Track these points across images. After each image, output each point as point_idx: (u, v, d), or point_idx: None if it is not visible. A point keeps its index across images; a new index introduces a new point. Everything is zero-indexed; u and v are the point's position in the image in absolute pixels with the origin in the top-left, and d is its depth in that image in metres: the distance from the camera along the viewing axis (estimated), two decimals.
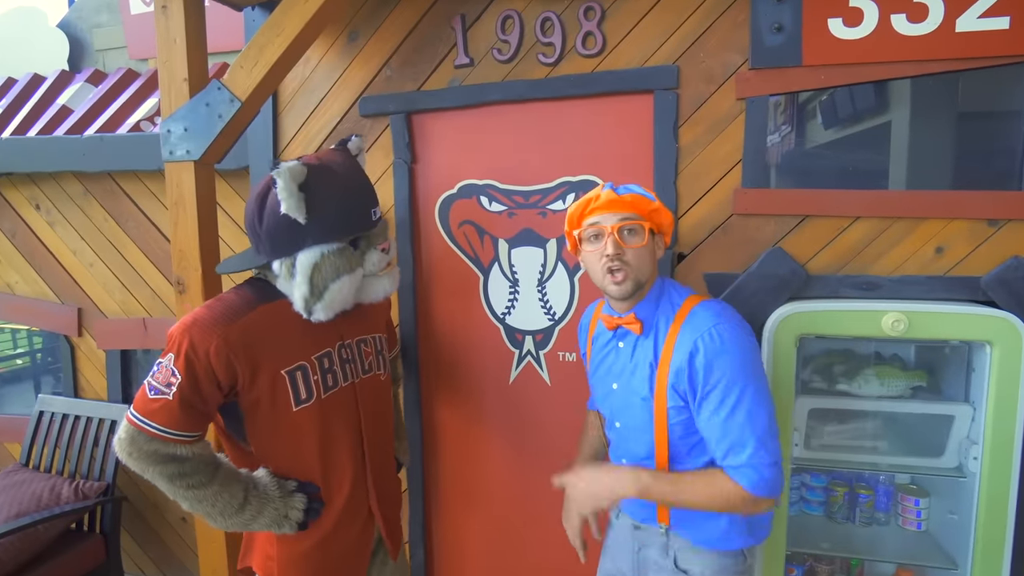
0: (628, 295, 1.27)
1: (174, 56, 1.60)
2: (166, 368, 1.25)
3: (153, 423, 1.23)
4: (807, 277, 1.66)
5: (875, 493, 1.84)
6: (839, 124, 1.73)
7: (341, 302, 1.35)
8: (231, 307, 1.31)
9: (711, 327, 1.19)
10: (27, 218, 2.67)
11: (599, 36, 1.73)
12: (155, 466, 1.24)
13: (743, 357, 1.18)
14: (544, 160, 1.85)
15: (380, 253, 1.41)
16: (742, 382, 1.16)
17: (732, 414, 1.16)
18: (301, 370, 1.37)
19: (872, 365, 1.77)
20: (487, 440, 2.02)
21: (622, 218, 1.25)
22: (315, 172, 1.30)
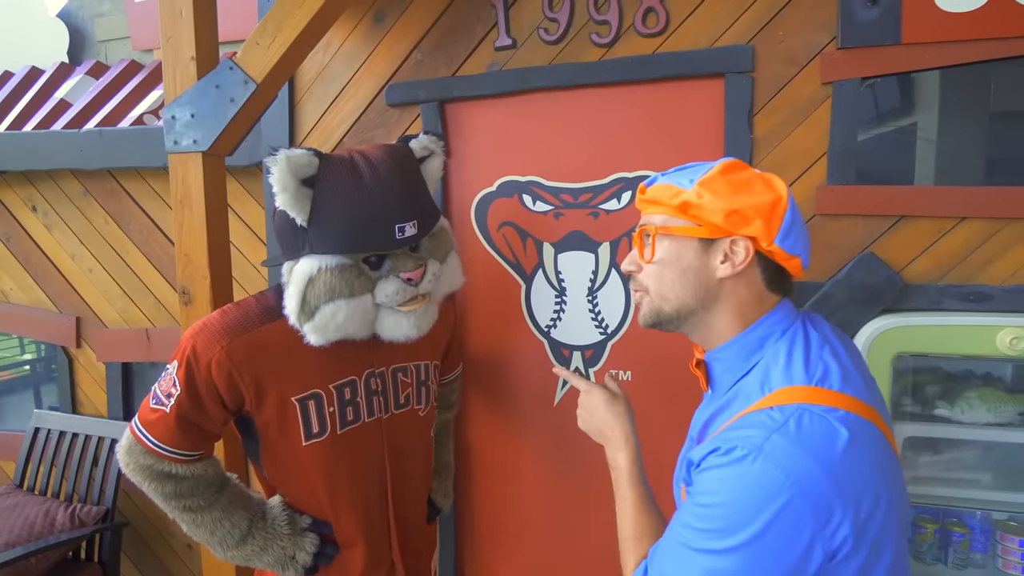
0: (645, 324, 0.91)
1: (180, 31, 1.40)
2: (170, 376, 1.13)
3: (150, 436, 1.12)
4: (903, 286, 1.45)
5: (970, 531, 1.63)
6: (939, 111, 1.52)
7: (337, 329, 1.10)
8: (245, 316, 1.14)
9: (740, 447, 0.72)
10: (23, 220, 2.49)
11: (662, 12, 1.53)
12: (150, 482, 1.13)
13: (731, 507, 0.71)
14: (596, 154, 1.64)
15: (400, 283, 1.13)
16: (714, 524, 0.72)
17: (683, 546, 0.74)
18: (315, 399, 1.17)
19: (972, 387, 1.56)
20: (528, 469, 1.82)
21: (641, 224, 0.89)
22: (330, 168, 1.09)
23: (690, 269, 0.83)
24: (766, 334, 0.83)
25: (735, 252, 0.82)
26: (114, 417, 2.42)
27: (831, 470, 0.69)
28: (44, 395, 2.91)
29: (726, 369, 0.87)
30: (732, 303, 0.84)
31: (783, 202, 0.81)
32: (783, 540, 0.69)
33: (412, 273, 1.14)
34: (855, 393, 0.76)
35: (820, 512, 0.69)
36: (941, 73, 1.47)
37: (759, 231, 0.80)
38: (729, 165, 0.84)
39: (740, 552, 0.69)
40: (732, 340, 0.85)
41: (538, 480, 1.82)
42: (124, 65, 2.57)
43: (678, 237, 0.84)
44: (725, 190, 0.81)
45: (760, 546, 0.69)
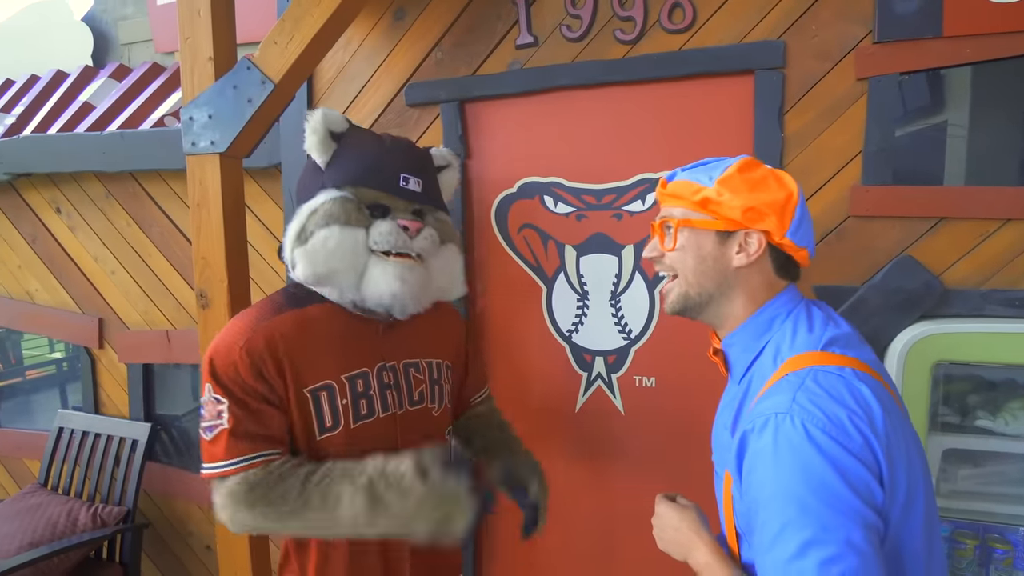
0: (672, 311, 0.97)
1: (198, 31, 1.39)
2: (209, 401, 1.10)
3: (224, 462, 1.07)
4: (943, 291, 1.38)
5: (1014, 548, 1.55)
6: (981, 107, 1.45)
7: (325, 261, 1.12)
8: (254, 315, 1.15)
9: (772, 416, 0.77)
10: (47, 222, 2.52)
11: (688, 8, 1.48)
12: (258, 508, 1.05)
13: (799, 477, 0.74)
14: (620, 154, 1.60)
15: (395, 225, 1.16)
16: (786, 515, 0.74)
17: (769, 551, 0.77)
18: (327, 390, 1.14)
19: (1019, 397, 1.48)
20: (549, 476, 1.76)
21: (661, 216, 0.97)
22: (356, 130, 1.25)
23: (709, 257, 0.91)
24: (774, 315, 0.91)
25: (749, 243, 0.89)
26: (135, 418, 2.43)
27: (859, 415, 0.75)
28: (70, 394, 2.95)
29: (741, 351, 0.93)
30: (746, 289, 0.91)
31: (794, 199, 0.88)
32: (847, 486, 0.72)
33: (409, 222, 1.17)
34: (859, 357, 0.84)
35: (864, 453, 0.74)
36: (985, 67, 1.40)
37: (773, 226, 0.87)
38: (745, 164, 0.90)
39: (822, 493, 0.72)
40: (745, 323, 0.92)
41: (559, 486, 1.77)
42: (146, 68, 2.60)
43: (698, 229, 0.91)
44: (743, 188, 0.87)
45: (830, 503, 0.72)
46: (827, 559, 0.71)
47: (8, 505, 2.32)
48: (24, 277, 2.62)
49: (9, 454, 2.79)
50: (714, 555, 0.91)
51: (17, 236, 2.59)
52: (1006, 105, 1.44)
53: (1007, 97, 1.46)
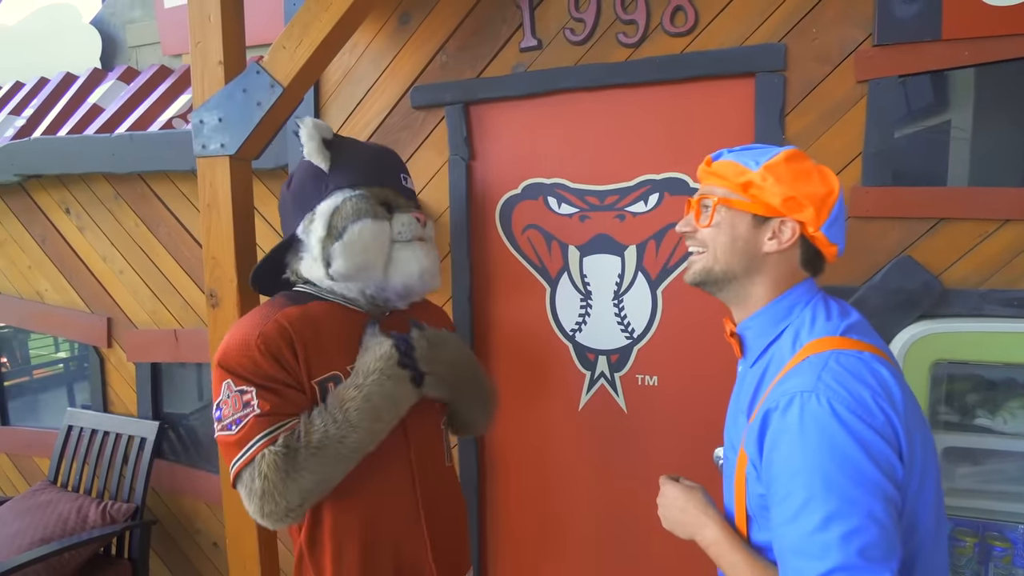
0: (690, 281, 0.99)
1: (208, 35, 1.41)
2: (231, 398, 1.10)
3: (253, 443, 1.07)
4: (943, 291, 1.40)
5: (1013, 546, 1.56)
6: (980, 109, 1.46)
7: (363, 251, 1.19)
8: (259, 315, 1.17)
9: (797, 395, 0.80)
10: (57, 223, 2.55)
11: (691, 11, 1.50)
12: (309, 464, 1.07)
13: (826, 452, 0.77)
14: (623, 155, 1.62)
15: (411, 218, 1.27)
16: (811, 488, 0.77)
17: (790, 524, 0.79)
18: (334, 380, 1.18)
19: (1016, 396, 1.49)
20: (552, 474, 1.80)
21: (702, 192, 0.98)
22: (341, 136, 1.31)
23: (740, 238, 0.93)
24: (794, 302, 0.93)
25: (782, 231, 0.91)
26: (143, 416, 2.45)
27: (880, 395, 0.79)
28: (77, 393, 2.97)
29: (758, 335, 0.96)
30: (771, 274, 0.94)
31: (834, 195, 0.90)
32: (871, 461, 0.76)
33: (419, 214, 1.29)
34: (875, 343, 0.88)
35: (886, 429, 0.78)
36: (983, 69, 1.41)
37: (809, 218, 0.89)
38: (793, 154, 0.92)
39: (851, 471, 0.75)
40: (764, 308, 0.94)
41: (563, 484, 1.79)
42: (154, 70, 2.62)
43: (735, 210, 0.93)
44: (788, 177, 0.89)
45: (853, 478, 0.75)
46: (849, 531, 0.74)
47: (19, 502, 2.34)
48: (34, 277, 2.64)
49: (19, 452, 2.82)
50: (723, 531, 0.93)
51: (27, 237, 2.61)
52: (1006, 107, 1.45)
53: (1006, 99, 1.47)
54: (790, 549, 0.79)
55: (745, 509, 0.93)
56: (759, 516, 0.91)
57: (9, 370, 3.07)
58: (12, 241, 2.66)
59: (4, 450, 2.85)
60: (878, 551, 0.74)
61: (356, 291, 1.24)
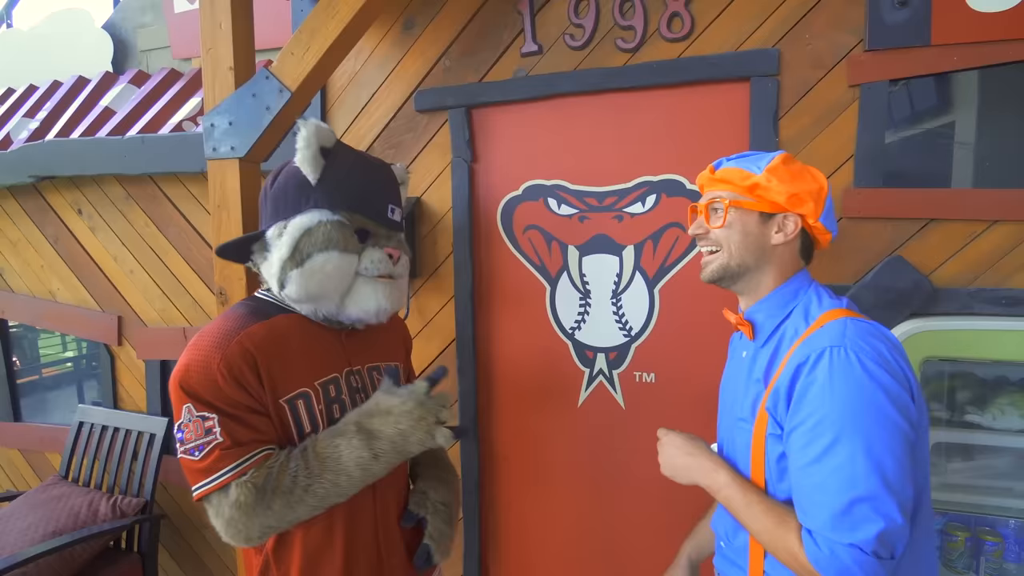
0: (708, 279, 1.08)
1: (219, 42, 1.46)
2: (192, 423, 1.05)
3: (220, 472, 1.04)
4: (933, 290, 1.43)
5: (1004, 540, 1.59)
6: (970, 112, 1.49)
7: (320, 284, 1.13)
8: (220, 333, 1.09)
9: (828, 347, 0.90)
10: (69, 223, 2.59)
11: (687, 17, 1.54)
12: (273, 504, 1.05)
13: (853, 396, 0.87)
14: (621, 158, 1.66)
15: (383, 254, 1.20)
16: (839, 428, 0.86)
17: (819, 459, 0.88)
18: (303, 398, 1.14)
19: (1005, 393, 1.53)
20: (552, 470, 1.83)
21: (710, 196, 1.08)
22: (343, 146, 1.21)
23: (751, 234, 1.04)
24: (798, 287, 1.05)
25: (786, 225, 1.03)
26: (153, 413, 2.50)
27: (896, 350, 0.92)
28: (86, 391, 3.02)
29: (767, 317, 1.06)
30: (778, 264, 1.05)
31: (825, 189, 1.03)
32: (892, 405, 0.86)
33: (393, 250, 1.22)
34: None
35: (901, 377, 0.89)
36: (972, 73, 1.45)
37: (810, 211, 1.01)
38: (786, 158, 1.04)
39: (881, 415, 0.86)
40: (772, 293, 1.06)
41: (562, 479, 1.83)
42: (164, 74, 2.67)
43: (744, 210, 1.04)
44: (788, 177, 1.01)
45: (878, 420, 0.85)
46: (874, 465, 0.84)
47: (31, 496, 2.39)
48: (47, 276, 2.69)
49: (31, 448, 2.87)
50: (735, 475, 1.01)
51: (40, 237, 2.66)
52: (996, 110, 1.48)
53: (997, 102, 1.50)
54: (814, 486, 0.88)
55: (763, 471, 1.00)
56: (776, 477, 0.99)
57: (20, 368, 3.13)
58: (26, 241, 2.71)
59: (17, 446, 2.90)
60: (897, 484, 0.84)
61: (308, 311, 1.19)
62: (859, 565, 0.83)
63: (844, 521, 0.84)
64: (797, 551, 0.89)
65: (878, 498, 0.83)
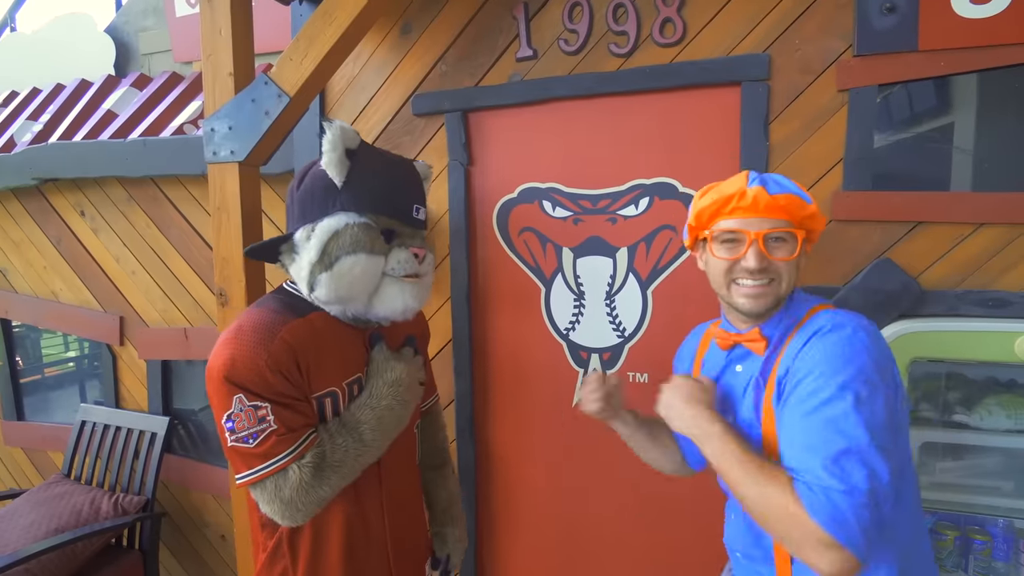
0: (764, 310, 1.06)
1: (219, 48, 1.49)
2: (244, 412, 1.10)
3: (276, 459, 1.09)
4: (920, 292, 1.45)
5: (992, 539, 1.61)
6: (959, 116, 1.51)
7: (349, 286, 1.17)
8: (263, 329, 1.13)
9: (826, 319, 0.99)
10: (72, 224, 2.63)
11: (679, 23, 1.56)
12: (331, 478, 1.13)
13: (850, 356, 0.92)
14: (615, 161, 1.68)
15: (409, 254, 1.23)
16: (835, 383, 0.90)
17: (814, 411, 0.91)
18: (331, 397, 1.19)
19: (993, 394, 1.55)
20: (547, 468, 1.86)
21: (772, 225, 1.02)
22: (367, 148, 1.24)
23: (799, 263, 1.07)
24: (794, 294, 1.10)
25: (805, 249, 1.08)
26: (154, 412, 2.53)
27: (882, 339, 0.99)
28: (88, 391, 3.05)
29: (774, 327, 1.09)
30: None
31: None
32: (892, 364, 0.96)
33: (419, 249, 1.25)
34: None
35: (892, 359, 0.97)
36: (961, 78, 1.47)
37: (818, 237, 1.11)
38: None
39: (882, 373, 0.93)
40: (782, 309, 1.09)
41: (557, 477, 1.85)
42: (166, 77, 2.70)
43: (801, 238, 1.05)
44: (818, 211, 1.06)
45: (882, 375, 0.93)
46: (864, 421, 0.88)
47: (34, 494, 2.42)
48: (50, 277, 2.73)
49: (34, 446, 2.91)
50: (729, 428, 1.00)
51: (43, 238, 2.70)
52: (984, 113, 1.50)
53: (985, 106, 1.52)
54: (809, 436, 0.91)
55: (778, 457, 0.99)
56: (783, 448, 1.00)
57: (23, 368, 3.16)
58: (29, 242, 2.75)
59: (20, 444, 2.94)
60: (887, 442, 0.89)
61: (337, 311, 1.23)
62: (851, 509, 0.85)
63: (835, 468, 0.87)
64: (790, 502, 0.88)
65: (867, 452, 0.87)
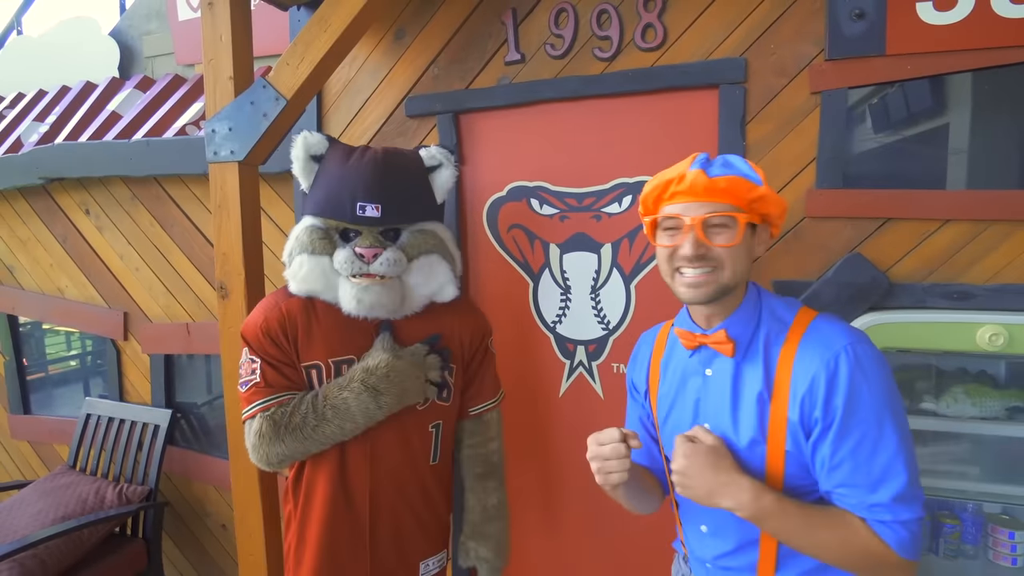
0: (705, 300, 1.00)
1: (220, 54, 1.56)
2: (246, 363, 1.34)
3: (255, 403, 1.29)
4: (889, 286, 1.51)
5: (961, 523, 1.67)
6: (925, 118, 1.58)
7: (304, 280, 1.32)
8: (272, 299, 1.38)
9: (847, 345, 0.93)
10: (77, 223, 2.70)
11: (660, 28, 1.63)
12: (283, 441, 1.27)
13: (887, 386, 0.93)
14: (599, 160, 1.75)
15: (351, 254, 1.28)
16: (887, 416, 0.91)
17: (875, 452, 0.91)
18: (315, 369, 1.35)
19: (960, 383, 1.61)
20: (534, 456, 1.92)
21: (711, 210, 0.96)
22: (333, 150, 1.36)
23: (746, 248, 1.01)
24: (757, 291, 1.07)
25: (763, 235, 1.04)
26: (157, 405, 2.60)
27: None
28: (92, 388, 3.12)
29: (743, 328, 1.03)
30: (748, 275, 1.05)
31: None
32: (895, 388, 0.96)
33: (365, 250, 1.28)
34: None
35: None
36: (925, 81, 1.53)
37: (780, 223, 1.05)
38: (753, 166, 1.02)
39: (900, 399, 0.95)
40: (744, 303, 1.04)
41: (544, 465, 1.92)
42: (169, 79, 2.77)
43: (743, 223, 0.97)
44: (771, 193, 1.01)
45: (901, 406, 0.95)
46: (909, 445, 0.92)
47: (41, 484, 2.50)
48: (55, 274, 2.80)
49: (40, 439, 2.98)
50: (780, 495, 0.95)
51: (49, 236, 2.77)
52: (949, 116, 1.57)
53: (949, 109, 1.58)
54: (875, 476, 0.91)
55: (782, 485, 0.99)
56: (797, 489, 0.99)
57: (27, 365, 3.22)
58: (35, 240, 2.82)
59: (27, 437, 3.01)
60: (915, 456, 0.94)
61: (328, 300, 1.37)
62: (919, 531, 0.92)
63: (908, 501, 0.91)
64: (875, 545, 0.91)
65: (915, 478, 0.92)
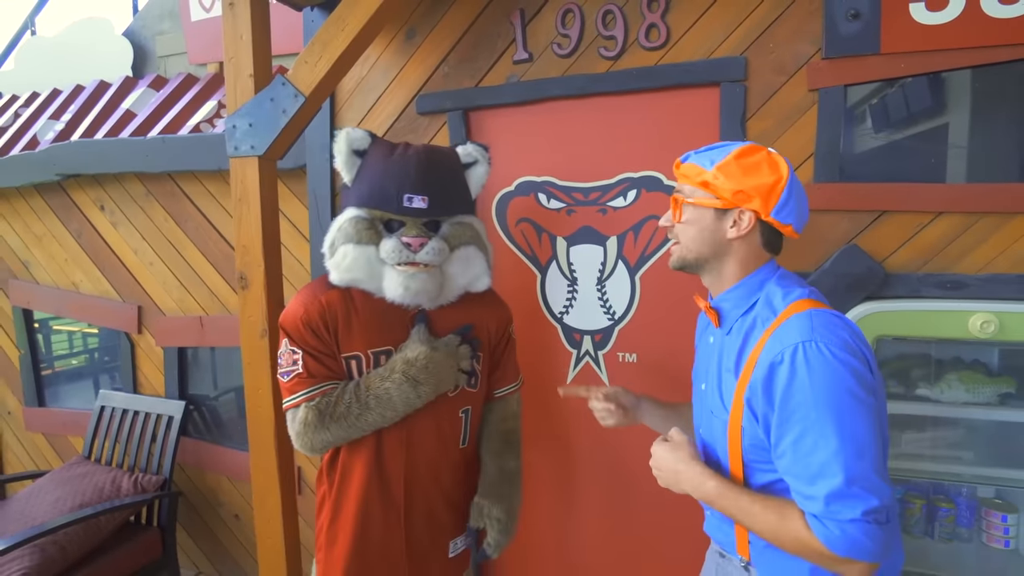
0: (673, 267, 1.16)
1: (240, 52, 1.62)
2: (285, 353, 1.37)
3: (298, 394, 1.33)
4: (885, 276, 1.57)
5: (956, 507, 1.73)
6: (919, 114, 1.64)
7: (347, 269, 1.35)
8: (310, 291, 1.39)
9: (800, 343, 0.95)
10: (92, 219, 2.76)
11: (663, 28, 1.69)
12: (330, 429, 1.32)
13: (831, 387, 0.93)
14: (604, 156, 1.80)
15: (398, 243, 1.33)
16: (830, 416, 0.92)
17: (813, 449, 0.93)
18: (355, 359, 1.38)
19: (954, 370, 1.67)
20: (541, 444, 1.98)
21: (675, 192, 1.14)
22: (376, 145, 1.39)
23: (706, 229, 1.08)
24: (764, 278, 1.09)
25: (741, 220, 1.06)
26: (171, 396, 2.66)
27: (857, 336, 0.98)
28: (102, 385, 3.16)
29: (734, 306, 1.10)
30: (738, 256, 1.09)
31: (782, 183, 1.03)
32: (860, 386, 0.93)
33: (411, 239, 1.34)
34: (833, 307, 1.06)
35: (864, 359, 0.96)
36: (919, 79, 1.58)
37: (759, 207, 1.03)
38: (744, 150, 1.05)
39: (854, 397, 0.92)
40: (739, 283, 1.09)
41: (550, 453, 1.97)
42: (181, 79, 2.83)
43: (699, 206, 1.08)
44: (736, 173, 1.03)
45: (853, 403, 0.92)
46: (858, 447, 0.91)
47: (58, 473, 2.55)
48: (71, 269, 2.86)
49: (55, 431, 3.04)
50: (724, 482, 1.04)
51: (64, 232, 2.83)
52: (942, 112, 1.62)
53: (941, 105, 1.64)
54: (811, 475, 0.93)
55: (741, 457, 1.05)
56: (755, 461, 1.04)
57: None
58: (51, 236, 2.88)
59: (42, 430, 3.06)
60: (878, 459, 0.92)
61: (368, 289, 1.39)
62: (866, 535, 0.90)
63: (844, 501, 0.90)
64: (807, 537, 0.93)
65: (867, 476, 0.90)
